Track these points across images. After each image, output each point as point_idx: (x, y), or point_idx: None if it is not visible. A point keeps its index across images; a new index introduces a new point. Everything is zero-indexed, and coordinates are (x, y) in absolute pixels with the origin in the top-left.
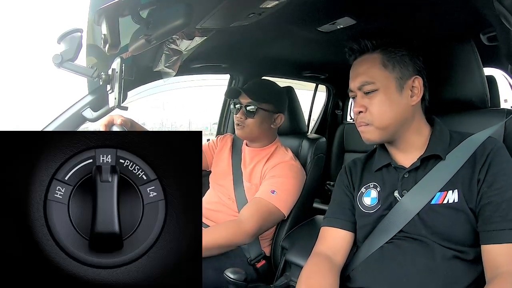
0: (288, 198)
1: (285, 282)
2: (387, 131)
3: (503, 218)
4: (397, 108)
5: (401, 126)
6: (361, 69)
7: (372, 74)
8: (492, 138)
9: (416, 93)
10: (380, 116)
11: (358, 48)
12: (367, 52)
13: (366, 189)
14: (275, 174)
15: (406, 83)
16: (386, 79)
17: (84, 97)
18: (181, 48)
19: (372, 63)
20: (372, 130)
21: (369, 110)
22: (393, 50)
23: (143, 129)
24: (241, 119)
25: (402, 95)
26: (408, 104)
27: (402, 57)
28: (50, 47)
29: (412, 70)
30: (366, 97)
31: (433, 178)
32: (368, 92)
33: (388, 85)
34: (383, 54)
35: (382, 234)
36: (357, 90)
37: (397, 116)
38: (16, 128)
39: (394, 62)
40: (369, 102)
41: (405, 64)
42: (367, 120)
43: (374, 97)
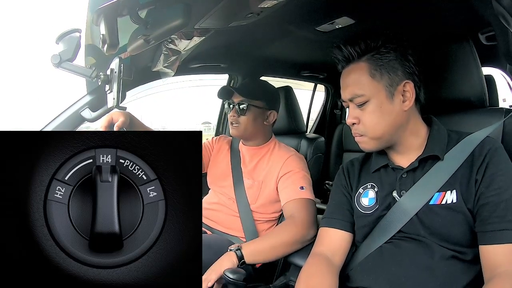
0: (311, 187)
1: (284, 282)
2: (382, 140)
3: (501, 219)
4: (390, 117)
5: (396, 132)
6: (349, 80)
7: (361, 85)
8: (490, 138)
9: (408, 97)
10: (373, 127)
11: (343, 57)
12: (353, 61)
13: (364, 190)
14: (292, 169)
15: (397, 89)
16: (375, 88)
17: (83, 97)
18: (180, 48)
19: (360, 73)
20: (367, 140)
21: (362, 122)
22: (380, 57)
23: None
24: (234, 117)
25: (394, 102)
26: (401, 110)
27: (389, 62)
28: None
29: (402, 75)
30: (358, 109)
31: (431, 179)
32: (359, 104)
33: (378, 95)
34: (369, 63)
35: (381, 234)
36: (348, 101)
37: (391, 124)
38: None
39: (381, 70)
40: (361, 113)
41: (393, 70)
42: (361, 131)
43: (366, 108)
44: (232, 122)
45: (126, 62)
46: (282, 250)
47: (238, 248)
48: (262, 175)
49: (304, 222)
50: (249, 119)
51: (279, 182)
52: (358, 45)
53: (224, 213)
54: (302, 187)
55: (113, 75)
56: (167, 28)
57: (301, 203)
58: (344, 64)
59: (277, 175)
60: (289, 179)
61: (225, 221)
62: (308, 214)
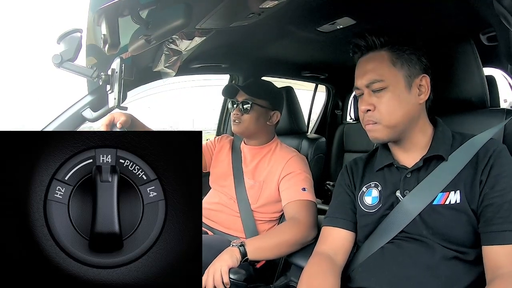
0: (312, 188)
1: (285, 282)
2: (396, 130)
3: (505, 220)
4: (406, 106)
5: (409, 124)
6: (369, 66)
7: (381, 71)
8: (494, 140)
9: (424, 91)
10: (389, 114)
11: (365, 45)
12: (373, 50)
13: (367, 189)
14: (294, 170)
15: (414, 81)
16: (395, 77)
17: (84, 97)
18: (181, 48)
19: (380, 60)
20: (381, 128)
21: (377, 108)
22: (400, 48)
23: (143, 125)
24: (237, 115)
25: (411, 93)
26: (416, 103)
27: (409, 55)
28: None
29: (420, 69)
30: (374, 95)
31: (435, 179)
32: (377, 90)
33: (397, 83)
34: (391, 52)
35: (383, 234)
36: (364, 88)
37: (406, 114)
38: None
39: (402, 60)
40: (377, 100)
41: (412, 63)
42: (375, 118)
43: (383, 95)
44: (235, 119)
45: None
46: (284, 249)
47: (242, 244)
48: (263, 175)
49: (306, 224)
50: (252, 117)
51: (280, 183)
52: (382, 36)
53: (224, 213)
54: (304, 188)
55: (114, 75)
56: (168, 28)
57: (302, 205)
58: (365, 52)
59: (278, 176)
60: (291, 180)
61: (225, 221)
62: (309, 215)
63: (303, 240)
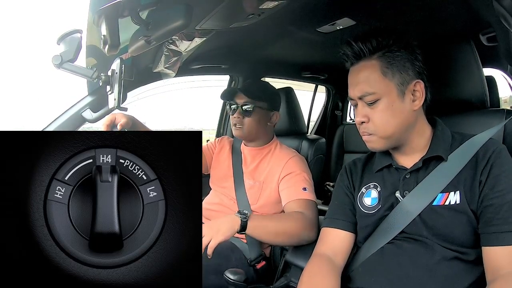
0: (313, 188)
1: (285, 283)
2: (392, 139)
3: (504, 221)
4: (401, 115)
5: (405, 131)
6: (360, 77)
7: (372, 83)
8: (494, 140)
9: (418, 97)
10: (383, 125)
11: (353, 54)
12: (363, 58)
13: (367, 189)
14: (293, 170)
15: (407, 88)
16: (387, 87)
17: (84, 98)
18: (181, 49)
19: (371, 71)
20: (376, 139)
21: (371, 120)
22: (391, 55)
23: (144, 126)
24: (238, 118)
25: (404, 101)
26: (411, 110)
27: (401, 61)
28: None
29: (413, 74)
30: (367, 107)
31: (435, 179)
32: (369, 102)
33: (389, 93)
34: (381, 61)
35: (383, 235)
36: (357, 99)
37: (401, 123)
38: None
39: (393, 68)
40: (371, 111)
41: (404, 69)
42: (370, 130)
43: (376, 106)
44: (235, 123)
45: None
46: (282, 238)
47: (246, 217)
48: (263, 175)
49: (309, 220)
50: (254, 120)
51: (280, 183)
52: (370, 42)
53: (225, 214)
54: (305, 188)
55: (114, 76)
56: (168, 29)
57: (304, 203)
58: (354, 61)
59: (278, 176)
60: (291, 181)
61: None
62: (312, 213)
63: (303, 235)
